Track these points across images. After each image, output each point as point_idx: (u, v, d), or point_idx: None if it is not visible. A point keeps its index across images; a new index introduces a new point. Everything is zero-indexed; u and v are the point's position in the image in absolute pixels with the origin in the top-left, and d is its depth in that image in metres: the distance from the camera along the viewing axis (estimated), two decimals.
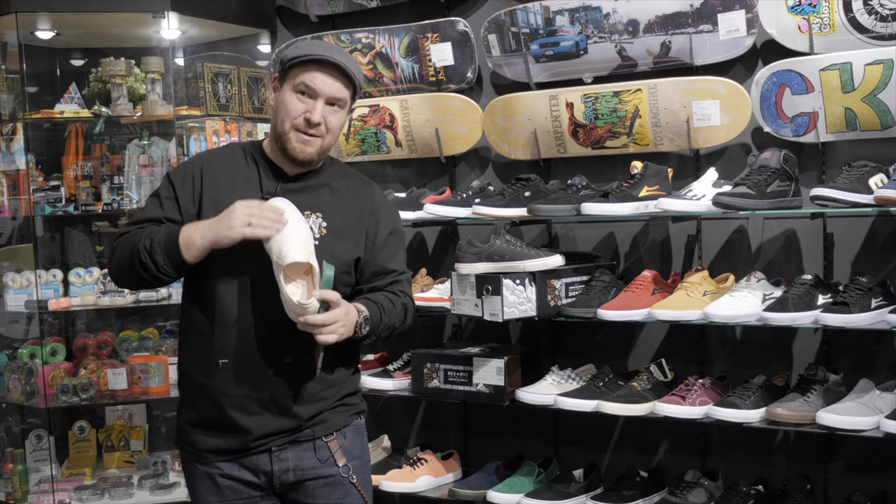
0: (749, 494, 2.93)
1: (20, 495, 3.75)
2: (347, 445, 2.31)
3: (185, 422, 2.30)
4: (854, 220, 2.97)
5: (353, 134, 3.75)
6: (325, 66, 2.20)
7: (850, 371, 2.91)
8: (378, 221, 2.35)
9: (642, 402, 2.99)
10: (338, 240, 2.26)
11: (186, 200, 2.26)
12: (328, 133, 2.23)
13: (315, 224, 2.25)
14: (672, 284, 3.06)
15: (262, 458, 2.23)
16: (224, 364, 2.20)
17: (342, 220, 2.29)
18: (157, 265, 2.16)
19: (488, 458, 3.46)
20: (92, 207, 3.93)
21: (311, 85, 2.19)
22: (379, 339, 2.31)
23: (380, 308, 2.26)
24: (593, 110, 3.26)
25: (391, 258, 2.37)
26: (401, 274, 2.38)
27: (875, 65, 2.78)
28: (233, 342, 2.20)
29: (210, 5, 3.87)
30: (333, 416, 2.30)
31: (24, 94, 3.90)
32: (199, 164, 2.31)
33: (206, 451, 2.25)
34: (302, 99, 2.20)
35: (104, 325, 4.28)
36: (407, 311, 2.37)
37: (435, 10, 3.68)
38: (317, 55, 2.20)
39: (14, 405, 3.96)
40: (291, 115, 2.20)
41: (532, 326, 3.52)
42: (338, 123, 2.25)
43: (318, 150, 2.24)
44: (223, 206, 2.17)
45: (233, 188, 2.25)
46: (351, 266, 2.29)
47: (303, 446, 2.25)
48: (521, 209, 3.16)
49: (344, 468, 2.28)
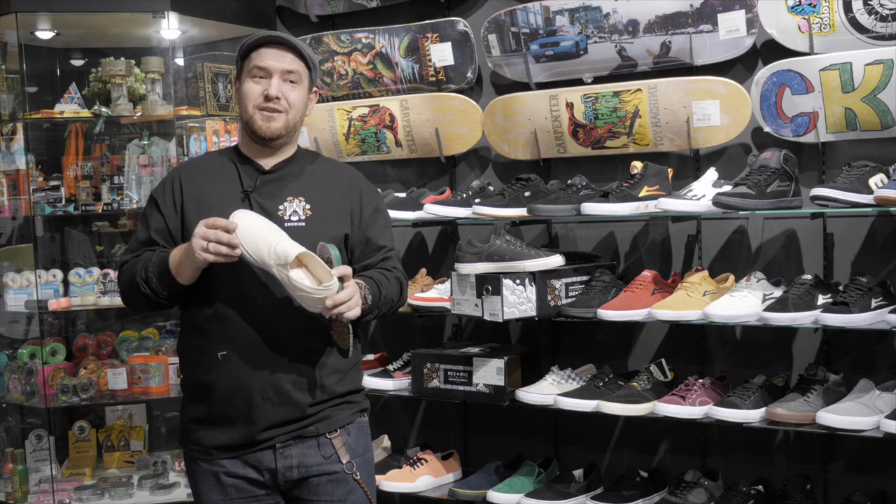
0: (749, 494, 2.93)
1: (20, 495, 3.75)
2: (351, 442, 2.32)
3: (190, 419, 2.32)
4: (854, 220, 2.97)
5: (353, 134, 3.75)
6: (272, 45, 2.30)
7: (850, 371, 2.91)
8: (361, 199, 2.40)
9: (642, 402, 2.99)
10: (323, 219, 2.31)
11: (168, 210, 2.33)
12: (291, 108, 2.31)
13: (299, 207, 2.30)
14: (672, 284, 3.06)
15: (267, 454, 2.25)
16: (223, 356, 2.23)
17: (325, 200, 2.34)
18: (158, 295, 2.25)
19: (488, 458, 3.46)
20: (92, 207, 3.93)
21: (261, 64, 2.29)
22: (379, 314, 2.33)
23: (376, 282, 2.29)
24: (593, 110, 3.26)
25: (380, 234, 2.41)
26: (390, 250, 2.42)
27: (875, 65, 2.78)
28: (230, 333, 2.23)
29: (210, 5, 3.87)
30: (337, 412, 2.31)
31: (24, 94, 3.89)
32: (178, 173, 2.40)
33: (212, 448, 2.27)
34: (258, 81, 2.30)
35: (104, 325, 4.28)
36: (402, 285, 2.40)
37: (435, 10, 3.68)
38: (261, 36, 2.31)
39: (14, 405, 3.96)
40: (251, 98, 2.29)
41: (532, 326, 3.52)
42: (297, 98, 2.32)
43: (283, 125, 2.31)
44: (206, 205, 2.27)
45: (213, 186, 2.32)
46: (341, 243, 2.32)
47: (307, 443, 2.27)
48: (521, 209, 3.16)
49: (348, 465, 2.29)
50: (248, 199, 2.29)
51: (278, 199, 2.30)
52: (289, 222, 2.27)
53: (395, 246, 2.48)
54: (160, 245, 2.30)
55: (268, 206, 2.29)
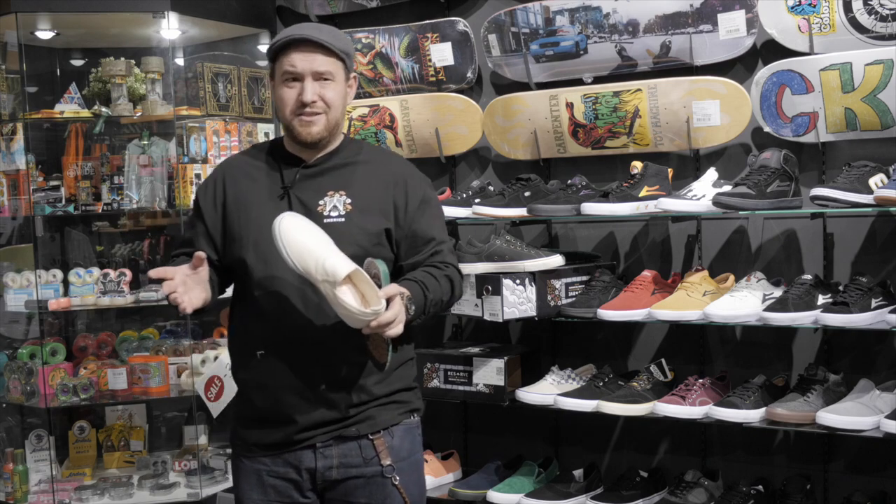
0: (749, 494, 2.93)
1: (20, 495, 3.75)
2: (395, 445, 2.26)
3: (235, 416, 2.36)
4: (854, 220, 2.97)
5: (353, 134, 3.74)
6: (300, 46, 2.21)
7: (850, 371, 2.91)
8: (407, 191, 2.29)
9: (642, 402, 2.99)
10: (363, 214, 2.23)
11: (209, 209, 2.30)
12: (330, 108, 2.24)
13: (339, 202, 2.23)
14: (672, 284, 3.06)
15: (307, 454, 2.22)
16: (261, 355, 2.21)
17: (366, 193, 2.26)
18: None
19: (488, 458, 3.46)
20: (92, 207, 3.93)
21: (291, 70, 2.21)
22: (427, 317, 2.23)
23: (421, 286, 2.18)
24: (593, 110, 3.26)
25: (428, 227, 2.30)
26: (440, 243, 2.31)
27: (875, 65, 2.78)
28: (269, 333, 2.20)
29: (210, 5, 3.87)
30: (382, 413, 2.25)
31: (24, 94, 3.89)
32: (221, 171, 2.36)
33: (253, 445, 2.26)
34: (291, 85, 2.22)
35: (104, 325, 4.28)
36: (453, 283, 2.28)
37: (435, 10, 3.68)
38: (288, 38, 2.22)
39: (14, 405, 3.96)
40: (287, 104, 2.23)
41: (532, 326, 3.52)
42: (335, 96, 2.25)
43: (324, 126, 2.24)
44: (246, 207, 2.24)
45: (254, 185, 2.29)
46: (381, 237, 2.25)
47: (348, 444, 2.22)
48: (521, 209, 3.16)
49: (388, 468, 2.22)
50: (287, 195, 2.24)
51: (318, 195, 2.24)
52: (328, 218, 2.21)
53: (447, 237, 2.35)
54: (195, 247, 2.27)
55: (307, 201, 2.23)
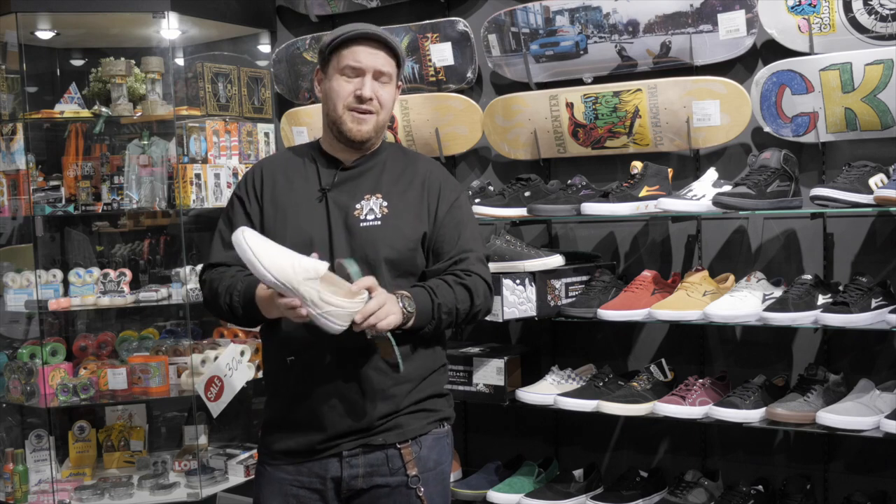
0: (749, 494, 2.93)
1: (20, 495, 3.75)
2: (423, 455, 2.22)
3: (263, 422, 2.32)
4: (854, 220, 2.97)
5: None
6: (365, 42, 2.20)
7: (850, 371, 2.91)
8: (440, 194, 2.26)
9: (642, 402, 2.99)
10: (400, 218, 2.21)
11: (253, 208, 2.27)
12: (382, 109, 2.22)
13: (376, 205, 2.21)
14: (672, 284, 3.06)
15: (333, 462, 2.19)
16: (291, 361, 2.19)
17: (402, 197, 2.24)
18: (242, 322, 2.23)
19: (488, 458, 3.46)
20: (92, 207, 3.92)
21: (355, 64, 2.19)
22: (446, 324, 2.19)
23: (429, 290, 2.14)
24: (593, 110, 3.26)
25: (452, 235, 2.24)
26: (465, 252, 2.23)
27: (875, 65, 2.78)
28: (298, 341, 2.18)
29: (210, 5, 3.87)
30: (410, 421, 2.22)
31: (24, 94, 3.89)
32: (259, 169, 2.33)
33: (278, 452, 2.23)
34: (349, 80, 2.20)
35: (104, 325, 4.28)
36: (471, 291, 2.19)
37: (435, 10, 3.68)
38: (356, 32, 2.21)
39: (14, 405, 3.95)
40: (342, 97, 2.20)
41: (532, 326, 3.52)
42: (389, 98, 2.23)
43: (374, 126, 2.22)
44: (283, 209, 2.21)
45: (291, 187, 2.26)
46: (418, 243, 2.22)
47: (375, 453, 2.19)
48: (521, 209, 3.16)
49: (413, 479, 2.19)
50: (325, 198, 2.22)
51: (356, 198, 2.22)
52: (364, 222, 2.19)
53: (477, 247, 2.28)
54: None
55: (345, 205, 2.21)
